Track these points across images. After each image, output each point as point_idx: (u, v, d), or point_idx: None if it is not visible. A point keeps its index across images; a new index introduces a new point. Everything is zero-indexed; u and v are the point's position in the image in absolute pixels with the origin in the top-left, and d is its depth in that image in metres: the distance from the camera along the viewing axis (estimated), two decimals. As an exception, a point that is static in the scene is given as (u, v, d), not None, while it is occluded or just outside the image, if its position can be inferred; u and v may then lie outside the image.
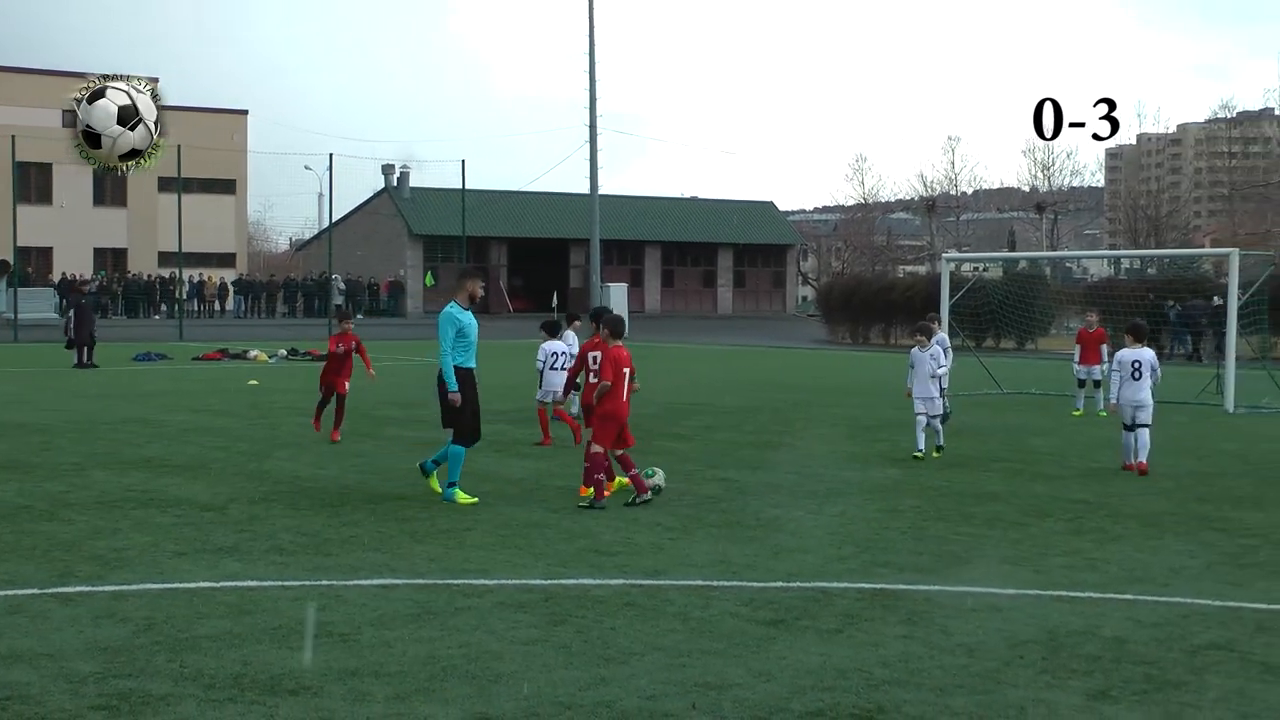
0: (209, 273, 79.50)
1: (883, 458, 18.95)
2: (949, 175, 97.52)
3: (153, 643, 8.78)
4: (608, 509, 14.01)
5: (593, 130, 68.56)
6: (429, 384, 15.63)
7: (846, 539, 12.76)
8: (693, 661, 8.49)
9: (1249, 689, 8.12)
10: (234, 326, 67.86)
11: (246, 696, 7.70)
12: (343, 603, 9.97)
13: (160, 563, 11.38)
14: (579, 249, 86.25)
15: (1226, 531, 13.45)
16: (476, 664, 8.37)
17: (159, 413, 24.04)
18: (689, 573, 11.20)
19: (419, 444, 19.75)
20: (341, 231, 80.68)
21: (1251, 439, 22.25)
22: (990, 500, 15.26)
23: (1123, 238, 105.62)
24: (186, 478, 16.20)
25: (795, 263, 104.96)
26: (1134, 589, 10.79)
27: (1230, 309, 28.06)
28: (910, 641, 9.05)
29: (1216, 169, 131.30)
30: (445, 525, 13.22)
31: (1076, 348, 26.74)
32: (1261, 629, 9.56)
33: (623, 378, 14.77)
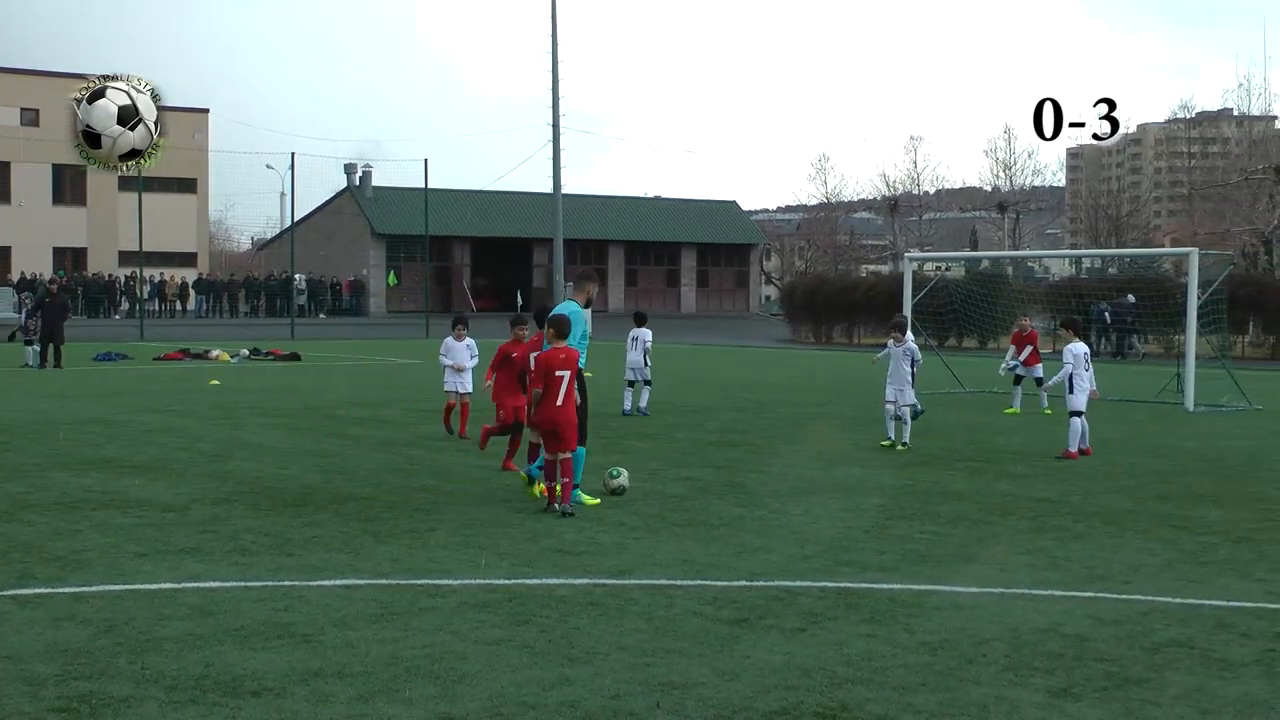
0: (170, 272, 79.11)
1: (846, 457, 18.99)
2: (911, 175, 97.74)
3: (113, 644, 8.72)
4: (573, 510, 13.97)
5: (556, 129, 68.58)
6: (393, 383, 15.60)
7: (810, 538, 12.78)
8: (657, 661, 8.49)
9: (1208, 685, 8.17)
10: (195, 326, 67.51)
11: (209, 698, 7.66)
12: (305, 603, 9.93)
13: (121, 564, 11.31)
14: (542, 248, 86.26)
15: (1187, 529, 13.53)
16: (440, 664, 8.35)
17: (120, 413, 23.89)
18: (653, 572, 11.21)
19: (383, 444, 19.73)
20: (304, 231, 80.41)
21: (1211, 437, 22.39)
22: (953, 499, 15.31)
23: (1084, 237, 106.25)
24: (148, 478, 16.11)
25: (758, 262, 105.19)
26: (1095, 587, 10.85)
27: (1190, 308, 28.21)
28: (873, 640, 9.07)
29: (1176, 169, 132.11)
30: (408, 525, 13.18)
31: (1011, 348, 27.35)
32: (1221, 626, 9.62)
33: (558, 382, 14.10)
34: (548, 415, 14.05)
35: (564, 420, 14.09)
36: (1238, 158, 78.74)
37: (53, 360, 36.50)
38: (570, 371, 14.15)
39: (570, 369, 14.16)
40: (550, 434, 14.07)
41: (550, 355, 14.16)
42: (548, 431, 14.10)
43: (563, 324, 14.31)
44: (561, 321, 14.35)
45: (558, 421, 14.06)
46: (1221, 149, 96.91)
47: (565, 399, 14.11)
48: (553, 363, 14.11)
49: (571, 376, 14.16)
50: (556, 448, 14.07)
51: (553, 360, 14.13)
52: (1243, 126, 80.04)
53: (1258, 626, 9.63)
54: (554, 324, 14.37)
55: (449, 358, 21.10)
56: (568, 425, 14.10)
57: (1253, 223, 64.05)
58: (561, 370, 14.11)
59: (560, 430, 14.05)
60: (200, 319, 75.99)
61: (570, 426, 14.12)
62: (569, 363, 14.15)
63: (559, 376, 14.09)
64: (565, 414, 14.12)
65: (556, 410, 14.07)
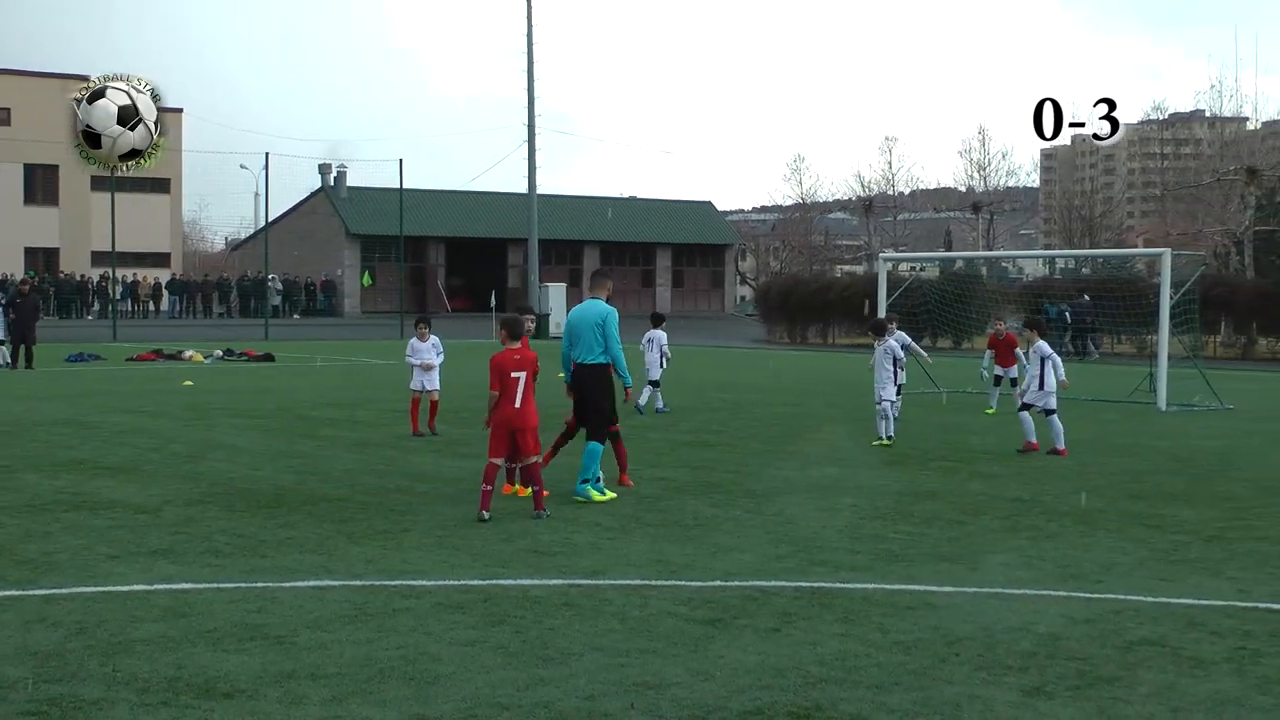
0: (143, 273, 78.79)
1: (820, 457, 19.02)
2: (886, 175, 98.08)
3: (85, 647, 8.69)
4: (548, 510, 13.95)
5: (531, 130, 68.55)
6: (367, 384, 15.59)
7: (784, 538, 12.80)
8: (631, 661, 8.49)
9: (1180, 684, 8.21)
10: (168, 327, 67.26)
11: (181, 700, 7.63)
12: (279, 604, 9.91)
13: (92, 566, 11.26)
14: (517, 249, 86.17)
15: (1158, 528, 13.59)
16: (414, 665, 8.34)
17: (92, 414, 23.79)
18: (627, 572, 11.21)
19: (357, 445, 19.69)
20: (278, 231, 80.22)
21: (1183, 437, 22.49)
22: (927, 498, 15.34)
23: (1058, 238, 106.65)
24: (120, 480, 16.04)
25: (733, 262, 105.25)
26: (1068, 586, 10.88)
27: (1162, 308, 28.33)
28: (847, 640, 9.09)
29: (1149, 170, 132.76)
30: (382, 526, 13.16)
31: (988, 351, 27.33)
32: (1192, 624, 9.66)
33: (513, 384, 13.74)
34: (503, 418, 13.77)
35: (522, 424, 13.85)
36: (1210, 159, 79.15)
37: (24, 361, 36.35)
38: (526, 372, 13.79)
39: (526, 369, 13.79)
40: (507, 437, 13.85)
41: (504, 357, 13.84)
42: (503, 435, 13.82)
43: (513, 324, 14.15)
44: (511, 323, 14.21)
45: (516, 425, 13.80)
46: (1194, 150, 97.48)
47: (524, 401, 13.81)
48: (506, 364, 13.77)
49: (528, 378, 13.82)
50: (521, 454, 13.96)
51: (506, 362, 13.78)
52: (1215, 128, 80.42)
53: (1228, 625, 9.67)
54: (505, 325, 14.22)
55: (416, 357, 21.29)
56: (529, 430, 13.88)
57: (1225, 223, 64.37)
58: (516, 372, 13.77)
59: (519, 435, 13.87)
60: (174, 320, 75.71)
61: (531, 431, 13.87)
62: (524, 363, 13.81)
63: (514, 379, 13.76)
64: (524, 417, 13.86)
65: (515, 413, 13.77)
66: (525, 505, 14.38)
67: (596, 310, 15.13)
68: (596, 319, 15.05)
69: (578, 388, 15.22)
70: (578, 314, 15.32)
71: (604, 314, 15.07)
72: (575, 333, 15.19)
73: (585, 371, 15.11)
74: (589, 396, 15.11)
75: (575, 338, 15.18)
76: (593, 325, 15.04)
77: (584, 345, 15.08)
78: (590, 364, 15.08)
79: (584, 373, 15.12)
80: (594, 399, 15.10)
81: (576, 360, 15.15)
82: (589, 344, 15.04)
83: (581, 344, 15.10)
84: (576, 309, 15.49)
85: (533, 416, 13.92)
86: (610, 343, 15.02)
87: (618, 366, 15.15)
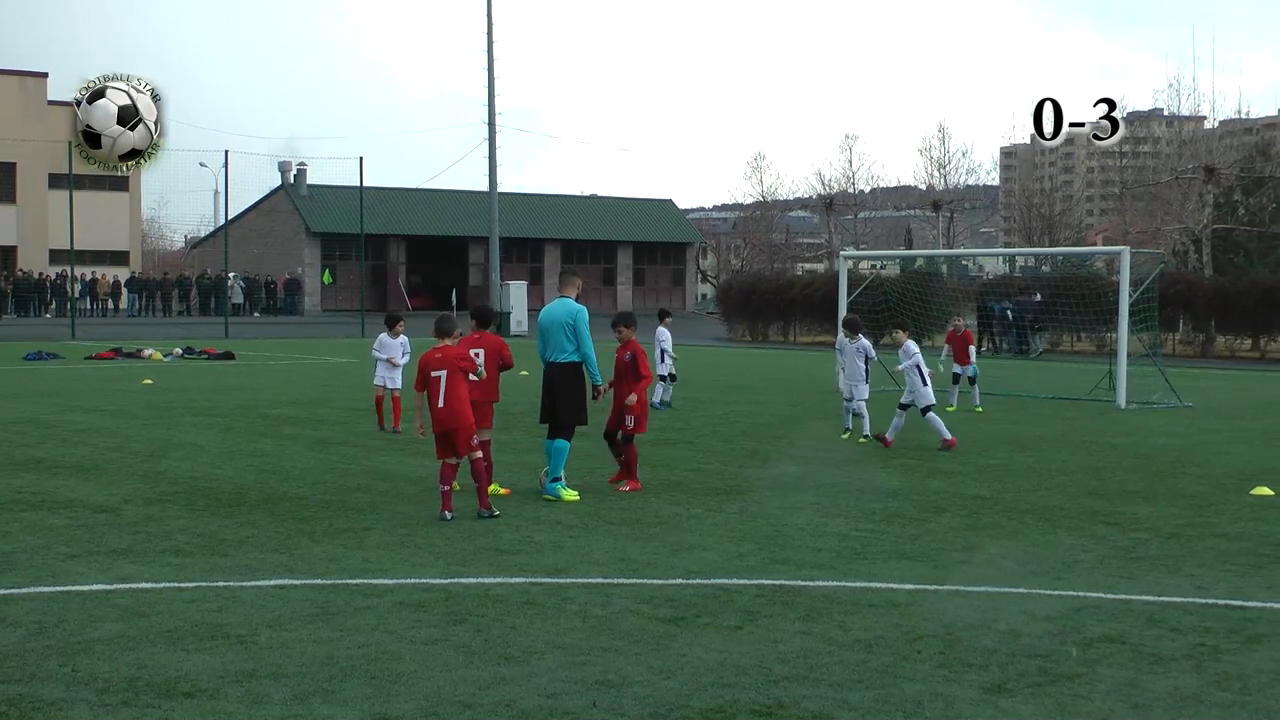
0: (102, 271, 78.26)
1: (781, 455, 19.06)
2: (847, 173, 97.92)
3: (44, 647, 8.63)
4: (505, 510, 13.93)
5: (491, 127, 68.32)
6: (328, 382, 15.53)
7: (746, 536, 12.82)
8: (593, 659, 8.49)
9: (1140, 680, 8.26)
10: (128, 325, 66.78)
11: (141, 700, 7.59)
12: (240, 604, 9.87)
13: (52, 565, 11.19)
14: (478, 247, 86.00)
15: (1118, 525, 13.67)
16: (376, 664, 8.32)
17: (51, 413, 23.63)
18: (589, 570, 11.20)
19: (318, 443, 19.62)
20: (238, 229, 79.84)
21: (1142, 434, 22.62)
22: (888, 496, 15.39)
23: (1017, 235, 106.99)
24: (79, 479, 15.94)
25: (694, 260, 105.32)
26: (1029, 583, 10.94)
27: (1121, 306, 28.49)
28: (809, 638, 9.11)
29: (1108, 168, 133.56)
30: (344, 525, 13.12)
31: (946, 347, 27.63)
32: (1152, 621, 9.72)
33: (435, 383, 13.58)
34: (434, 418, 13.66)
35: (451, 424, 13.62)
36: (1168, 157, 79.51)
37: None
38: (447, 370, 13.58)
39: (448, 367, 13.59)
40: (443, 436, 13.69)
41: (427, 356, 13.79)
42: (437, 435, 13.71)
43: (440, 322, 14.10)
44: (440, 320, 14.16)
45: (445, 426, 13.61)
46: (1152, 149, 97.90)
47: (447, 399, 13.57)
48: (429, 364, 13.70)
49: (451, 374, 13.58)
50: (450, 452, 13.67)
51: (428, 361, 13.72)
52: (1173, 127, 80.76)
53: (1188, 621, 9.74)
54: (436, 323, 14.19)
55: (382, 352, 21.40)
56: (459, 429, 13.61)
57: (1183, 222, 64.71)
58: (436, 371, 13.62)
59: (449, 435, 13.64)
60: (133, 318, 75.19)
61: (461, 430, 13.60)
62: (445, 361, 13.65)
63: (435, 378, 13.62)
64: (452, 417, 13.61)
65: (440, 413, 13.59)
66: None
67: (566, 309, 15.10)
68: (566, 318, 15.03)
69: (548, 386, 15.15)
70: (547, 314, 15.30)
71: (574, 312, 15.05)
72: (545, 332, 15.18)
73: (556, 370, 15.10)
74: (559, 395, 15.05)
75: (545, 337, 15.17)
76: (562, 324, 15.03)
77: (554, 344, 15.08)
78: (561, 363, 15.08)
79: (554, 371, 15.10)
80: (564, 397, 15.05)
81: (548, 359, 15.15)
82: (559, 343, 15.04)
83: (552, 343, 15.10)
84: (546, 308, 15.46)
85: (462, 415, 13.63)
86: (581, 341, 15.01)
87: (588, 365, 15.15)
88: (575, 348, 15.02)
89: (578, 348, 15.02)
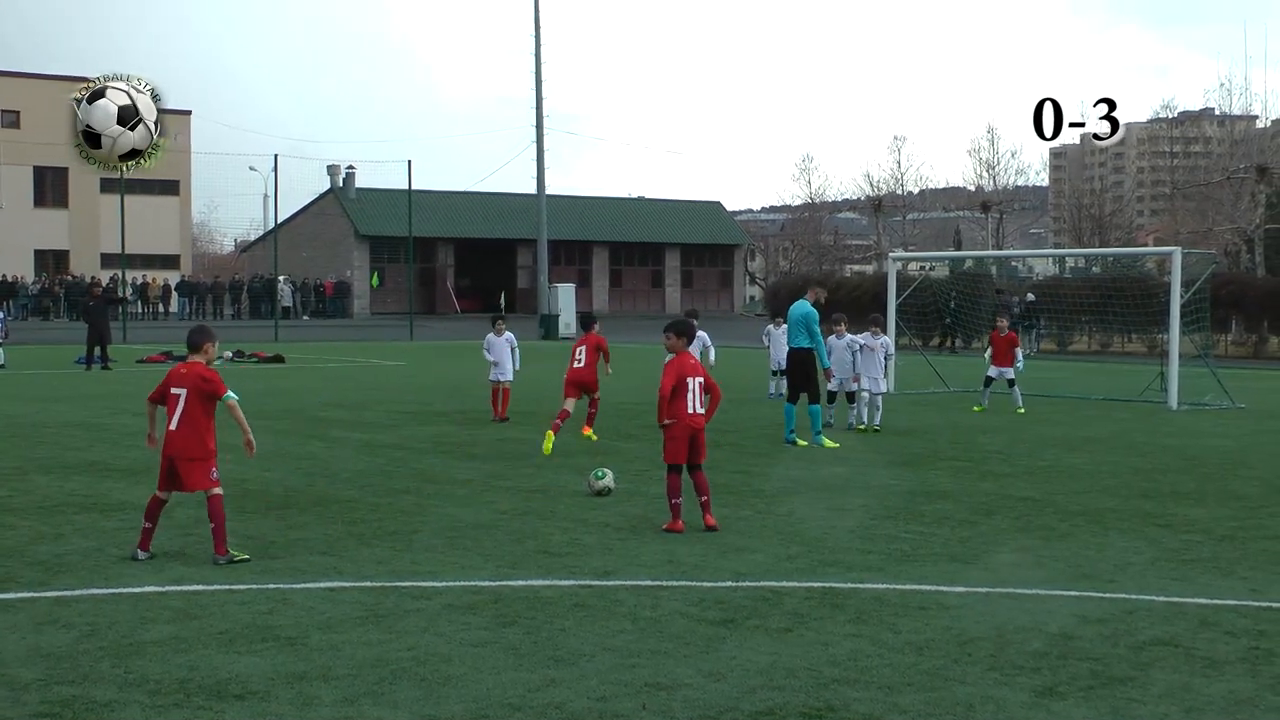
0: (152, 274, 78.84)
1: (830, 456, 19.00)
2: (895, 175, 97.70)
3: (97, 649, 8.69)
4: (553, 514, 13.93)
5: (539, 130, 68.48)
6: (376, 385, 15.53)
7: (794, 538, 12.78)
8: (643, 662, 8.48)
9: (1193, 684, 8.18)
10: (178, 328, 67.17)
11: (193, 702, 7.63)
12: (290, 606, 9.91)
13: (104, 568, 11.27)
14: (526, 249, 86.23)
15: (1170, 528, 13.56)
16: (425, 666, 8.34)
17: (102, 416, 23.81)
18: (638, 573, 11.19)
19: (366, 446, 19.68)
20: (287, 232, 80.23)
21: (1194, 435, 22.44)
22: (938, 498, 15.32)
23: (1067, 236, 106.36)
24: (130, 482, 16.04)
25: (743, 262, 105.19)
26: (1080, 585, 10.86)
27: (1173, 307, 28.28)
28: (859, 640, 9.07)
29: (1159, 168, 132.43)
30: (393, 527, 13.16)
31: (989, 349, 27.75)
32: (1205, 624, 9.64)
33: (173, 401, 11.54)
34: (165, 440, 11.63)
35: (181, 452, 11.54)
36: (1220, 157, 78.97)
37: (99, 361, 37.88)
38: (187, 390, 11.54)
39: (188, 386, 11.55)
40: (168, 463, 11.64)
41: (173, 370, 11.92)
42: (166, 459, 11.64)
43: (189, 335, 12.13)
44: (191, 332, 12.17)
45: (174, 450, 11.58)
46: (1203, 148, 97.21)
47: (181, 422, 11.55)
48: (171, 379, 11.77)
49: (191, 395, 11.54)
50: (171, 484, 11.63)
51: (171, 376, 11.82)
52: (1224, 126, 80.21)
53: (1241, 624, 9.65)
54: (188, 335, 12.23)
55: (491, 353, 23.81)
56: (190, 460, 11.55)
57: (1235, 221, 64.24)
58: (177, 388, 11.64)
59: (175, 462, 11.56)
60: (184, 321, 75.67)
61: (194, 461, 11.54)
62: (186, 379, 11.64)
63: (174, 395, 11.62)
64: (187, 444, 11.53)
65: (173, 435, 11.59)
66: (533, 505, 14.41)
67: (803, 309, 20.45)
68: (801, 317, 20.35)
69: (792, 366, 20.53)
70: (790, 311, 20.82)
71: (807, 313, 20.40)
72: (789, 325, 20.79)
73: (798, 354, 20.39)
74: (808, 372, 20.23)
75: (789, 328, 20.86)
76: (799, 321, 20.36)
77: (794, 334, 20.43)
78: (801, 349, 20.35)
79: (798, 354, 20.39)
80: (804, 372, 20.25)
81: (790, 345, 20.59)
82: (795, 333, 20.40)
83: (793, 333, 20.47)
84: (791, 306, 20.94)
85: (195, 444, 11.56)
86: (813, 335, 20.23)
87: (819, 352, 20.51)
88: (809, 337, 20.24)
89: (811, 339, 20.25)
